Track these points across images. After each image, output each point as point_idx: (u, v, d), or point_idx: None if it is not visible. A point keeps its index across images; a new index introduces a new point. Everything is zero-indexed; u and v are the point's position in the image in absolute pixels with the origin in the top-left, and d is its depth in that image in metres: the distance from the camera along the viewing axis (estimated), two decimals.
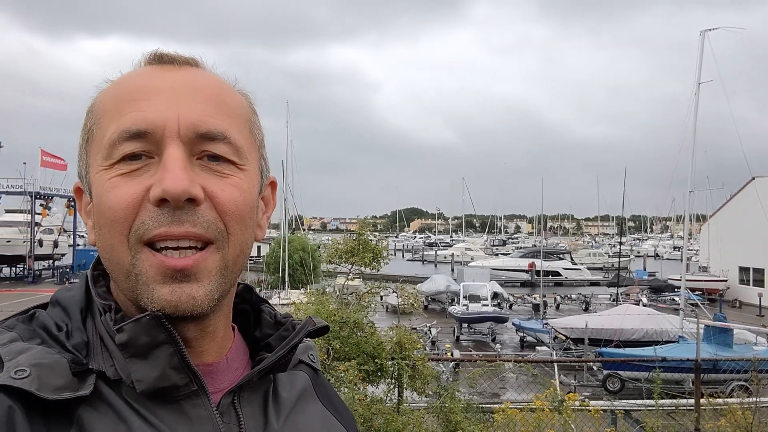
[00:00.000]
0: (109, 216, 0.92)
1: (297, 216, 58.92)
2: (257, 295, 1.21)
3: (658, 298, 46.39)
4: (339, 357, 7.66)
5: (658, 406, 8.65)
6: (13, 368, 0.84)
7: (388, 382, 8.28)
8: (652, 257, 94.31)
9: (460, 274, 49.37)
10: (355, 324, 8.13)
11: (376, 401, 7.51)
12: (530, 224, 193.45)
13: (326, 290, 9.97)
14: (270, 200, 1.15)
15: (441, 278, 47.84)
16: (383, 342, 8.14)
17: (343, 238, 10.64)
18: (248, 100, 1.10)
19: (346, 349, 7.75)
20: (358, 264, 9.48)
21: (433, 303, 44.78)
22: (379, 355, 7.92)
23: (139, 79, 0.99)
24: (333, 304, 8.45)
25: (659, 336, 26.02)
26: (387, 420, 7.15)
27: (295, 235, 51.19)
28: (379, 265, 9.73)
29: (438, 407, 8.21)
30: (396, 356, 8.09)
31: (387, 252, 10.13)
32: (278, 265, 44.32)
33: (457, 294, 39.16)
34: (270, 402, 1.06)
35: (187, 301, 0.91)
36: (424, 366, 8.32)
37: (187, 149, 0.94)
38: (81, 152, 1.03)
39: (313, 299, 9.10)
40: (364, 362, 7.78)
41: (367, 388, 7.95)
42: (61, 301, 1.01)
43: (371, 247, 9.61)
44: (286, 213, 52.23)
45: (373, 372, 7.89)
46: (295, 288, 41.05)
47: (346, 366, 7.36)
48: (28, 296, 39.95)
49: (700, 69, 28.35)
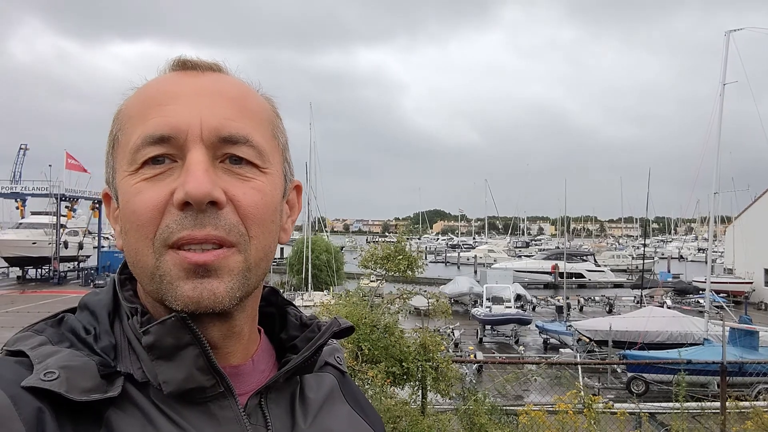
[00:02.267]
0: (134, 221, 0.93)
1: (320, 218, 59.00)
2: (283, 298, 1.23)
3: (683, 301, 45.95)
4: (367, 360, 7.70)
5: (683, 409, 8.62)
6: (42, 370, 0.86)
7: (412, 384, 8.29)
8: (677, 259, 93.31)
9: (483, 275, 49.20)
10: (386, 328, 8.14)
11: (401, 403, 7.54)
12: (553, 226, 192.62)
13: (350, 293, 9.94)
14: (295, 204, 1.15)
15: (464, 280, 47.67)
16: (409, 345, 8.16)
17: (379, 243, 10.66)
18: (271, 104, 1.10)
19: (375, 352, 7.77)
20: (392, 270, 9.48)
21: (456, 305, 44.58)
22: (406, 358, 7.94)
23: (163, 85, 1.01)
24: (364, 307, 8.47)
25: (684, 338, 25.84)
26: (412, 422, 7.17)
27: (319, 237, 51.24)
28: (414, 274, 9.73)
29: (462, 409, 8.23)
30: (420, 358, 8.11)
31: (423, 261, 10.09)
32: (301, 266, 44.40)
33: (480, 296, 39.09)
34: (297, 403, 1.07)
35: (208, 297, 0.91)
36: (448, 368, 8.32)
37: (209, 153, 0.95)
38: (108, 158, 1.04)
39: (341, 301, 9.13)
40: (392, 365, 7.80)
41: (393, 391, 7.97)
42: (89, 305, 1.03)
43: (407, 254, 9.60)
44: (309, 215, 52.33)
45: (399, 375, 7.91)
46: (318, 290, 41.09)
47: (375, 371, 7.39)
48: (53, 297, 40.18)
49: (725, 70, 28.11)
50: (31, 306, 34.12)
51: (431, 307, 9.90)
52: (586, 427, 7.79)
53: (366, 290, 10.38)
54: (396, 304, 9.29)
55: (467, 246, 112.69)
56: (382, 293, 10.16)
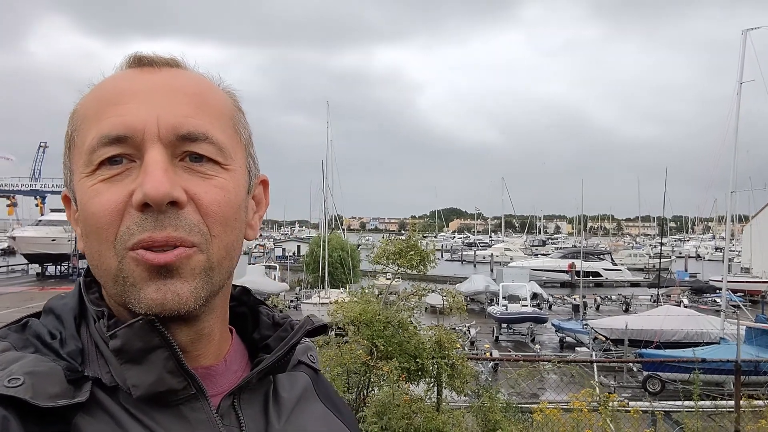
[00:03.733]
0: (94, 223, 0.91)
1: (336, 216, 59.01)
2: (255, 297, 1.21)
3: (699, 300, 45.72)
4: (382, 356, 7.75)
5: (698, 408, 8.63)
6: (6, 377, 0.83)
7: (427, 381, 8.34)
8: (694, 258, 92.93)
9: (499, 274, 49.05)
10: (399, 324, 8.19)
11: (416, 400, 7.59)
12: (570, 224, 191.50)
13: (366, 290, 9.97)
14: (262, 199, 1.13)
15: (480, 278, 47.64)
16: (424, 342, 8.21)
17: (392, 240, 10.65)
18: (233, 98, 1.08)
19: (389, 348, 7.81)
20: (404, 266, 9.49)
21: (472, 303, 44.56)
22: (421, 354, 7.98)
23: (118, 83, 0.98)
24: (378, 304, 8.51)
25: (700, 337, 25.74)
26: (427, 418, 7.21)
27: (335, 235, 51.27)
28: (426, 269, 9.72)
29: (477, 407, 8.27)
30: (436, 355, 8.15)
31: (434, 256, 10.09)
32: (318, 264, 44.43)
33: (497, 294, 39.04)
34: (271, 403, 1.06)
35: (172, 298, 0.89)
36: (463, 365, 8.35)
37: (168, 151, 0.92)
38: (65, 159, 1.01)
39: (355, 299, 9.18)
40: (406, 361, 7.85)
41: (408, 387, 8.02)
42: (54, 309, 1.01)
43: (419, 250, 9.62)
44: (325, 213, 52.35)
45: (414, 371, 7.96)
46: (334, 287, 41.12)
47: (389, 366, 7.45)
48: None
49: (742, 68, 28.04)
50: None
51: (447, 305, 9.92)
52: (600, 425, 7.81)
53: (381, 288, 10.41)
54: (411, 301, 9.34)
55: (483, 244, 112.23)
56: (397, 291, 10.20)
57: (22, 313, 1.05)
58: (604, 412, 7.79)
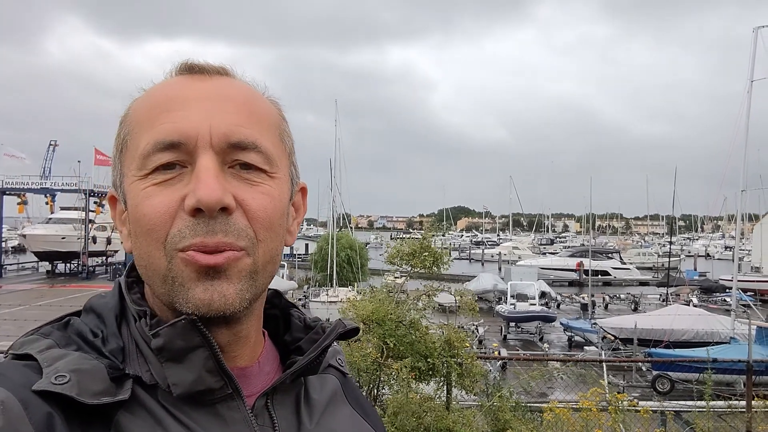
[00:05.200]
0: (145, 224, 0.94)
1: (345, 214, 59.07)
2: (286, 300, 1.24)
3: (709, 299, 45.62)
4: (394, 356, 7.74)
5: (709, 408, 8.59)
6: (52, 374, 0.85)
7: (437, 380, 8.32)
8: (703, 257, 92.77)
9: (507, 272, 49.18)
10: (411, 324, 8.18)
11: (426, 399, 7.57)
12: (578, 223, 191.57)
13: (376, 289, 9.95)
14: (300, 206, 1.16)
15: (488, 277, 47.72)
16: (435, 341, 8.19)
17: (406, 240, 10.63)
18: (278, 107, 1.11)
19: (400, 347, 7.80)
20: (417, 266, 9.47)
21: (480, 302, 44.45)
22: (431, 354, 7.97)
23: (171, 90, 1.01)
24: (390, 303, 8.49)
25: (710, 337, 25.61)
26: (437, 417, 7.20)
27: (343, 233, 51.32)
28: (439, 269, 9.70)
29: (487, 405, 8.25)
30: (445, 354, 8.14)
31: (449, 257, 10.05)
32: (326, 263, 44.51)
33: (505, 293, 39.09)
34: (302, 404, 1.08)
35: (219, 299, 0.92)
36: (472, 364, 8.34)
37: (219, 158, 0.95)
38: (115, 162, 1.04)
39: (367, 297, 9.15)
40: (417, 361, 7.84)
41: (419, 386, 8.01)
42: (96, 308, 1.03)
43: (433, 251, 9.59)
44: (333, 211, 52.41)
45: (424, 371, 7.95)
46: (342, 286, 41.17)
47: (399, 365, 7.44)
48: (81, 292, 40.32)
49: (753, 66, 27.90)
50: (60, 300, 34.49)
51: (458, 304, 9.89)
52: (610, 424, 7.79)
53: (391, 286, 10.40)
54: (422, 300, 9.32)
55: (491, 243, 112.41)
56: (407, 289, 10.19)
57: (33, 310, 1.06)
58: (614, 412, 7.77)
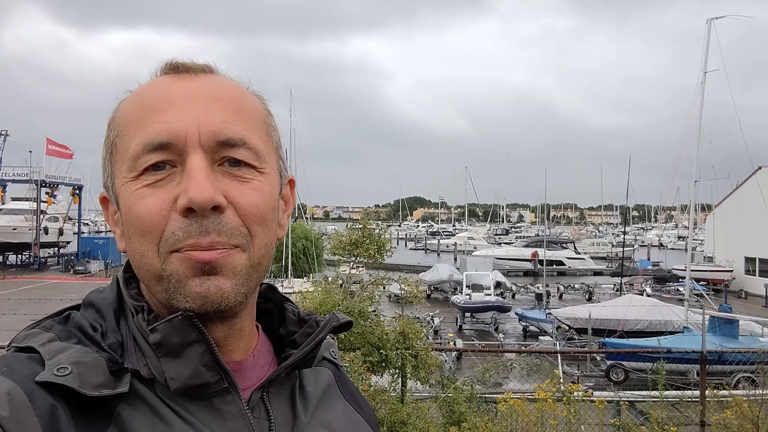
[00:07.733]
0: (138, 226, 0.94)
1: (300, 205, 58.95)
2: (280, 294, 1.23)
3: (663, 289, 46.31)
4: (344, 347, 7.64)
5: (662, 398, 8.62)
6: (54, 366, 0.87)
7: (392, 372, 8.26)
8: (656, 247, 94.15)
9: (462, 263, 49.38)
10: (360, 314, 8.10)
11: (380, 391, 7.49)
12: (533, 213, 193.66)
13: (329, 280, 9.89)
14: (289, 198, 1.16)
15: (444, 267, 47.93)
16: (388, 332, 8.11)
17: (346, 230, 10.54)
18: (263, 102, 1.11)
19: (351, 338, 7.73)
20: (362, 256, 9.42)
21: (435, 292, 44.88)
22: (384, 345, 7.89)
23: (158, 90, 1.01)
24: (339, 294, 8.41)
25: (663, 327, 26.01)
26: (391, 410, 7.13)
27: (298, 224, 51.21)
28: (383, 258, 9.69)
29: (442, 397, 8.19)
30: (400, 346, 8.06)
31: (391, 244, 10.04)
32: (281, 253, 44.33)
33: (460, 283, 39.27)
34: (297, 397, 1.09)
35: (215, 292, 0.93)
36: (427, 356, 8.30)
37: (208, 157, 0.95)
38: (105, 164, 1.04)
39: (319, 289, 9.07)
40: (369, 353, 7.75)
41: (372, 378, 7.92)
42: (94, 303, 1.04)
43: (375, 239, 9.55)
44: None
45: (377, 363, 7.86)
46: (297, 277, 41.10)
47: (351, 357, 7.33)
48: (33, 283, 40.20)
49: (707, 58, 28.30)
50: (11, 292, 34.06)
51: (403, 293, 9.87)
52: (565, 415, 7.77)
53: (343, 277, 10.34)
54: (373, 290, 9.25)
55: (447, 233, 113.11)
56: (360, 280, 10.11)
57: None
58: (569, 402, 7.75)
